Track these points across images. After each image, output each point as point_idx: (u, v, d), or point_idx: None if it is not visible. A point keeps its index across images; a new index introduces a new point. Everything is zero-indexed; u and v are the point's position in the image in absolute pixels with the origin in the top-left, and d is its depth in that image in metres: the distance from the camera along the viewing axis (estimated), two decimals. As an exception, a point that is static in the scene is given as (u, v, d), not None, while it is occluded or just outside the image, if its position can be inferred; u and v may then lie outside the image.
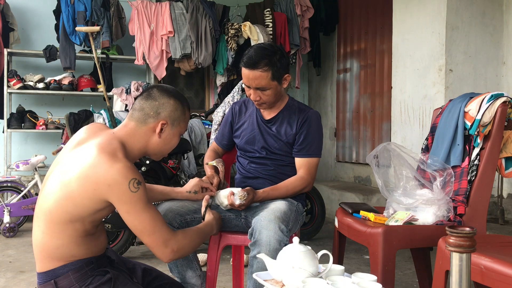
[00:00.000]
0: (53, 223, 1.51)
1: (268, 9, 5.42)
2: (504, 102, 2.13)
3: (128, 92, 4.94)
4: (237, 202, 1.96)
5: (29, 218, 4.41)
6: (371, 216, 2.17)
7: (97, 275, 1.55)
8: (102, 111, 3.93)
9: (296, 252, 1.48)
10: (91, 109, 4.02)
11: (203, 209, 1.90)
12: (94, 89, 5.21)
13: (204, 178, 2.12)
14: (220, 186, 2.12)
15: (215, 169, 2.15)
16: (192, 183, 2.05)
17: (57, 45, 4.93)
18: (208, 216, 1.86)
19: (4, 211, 4.15)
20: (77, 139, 1.60)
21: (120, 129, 1.62)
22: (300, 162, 2.17)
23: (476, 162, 2.15)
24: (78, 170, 1.48)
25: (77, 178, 1.47)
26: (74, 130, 3.69)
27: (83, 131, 1.64)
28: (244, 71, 2.07)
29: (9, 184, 4.34)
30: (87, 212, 1.50)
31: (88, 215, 1.51)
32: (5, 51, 4.83)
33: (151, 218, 1.52)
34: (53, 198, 1.50)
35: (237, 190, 1.99)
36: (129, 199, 1.47)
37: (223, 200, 2.02)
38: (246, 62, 2.05)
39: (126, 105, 4.83)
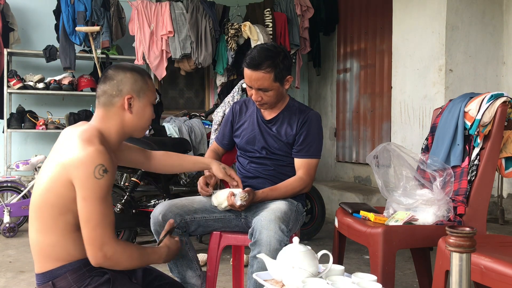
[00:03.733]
0: (44, 219, 1.50)
1: (268, 9, 5.42)
2: (504, 102, 2.13)
3: (128, 92, 4.93)
4: (238, 203, 1.96)
5: (29, 218, 4.40)
6: (371, 216, 2.17)
7: (95, 275, 1.53)
8: (102, 111, 3.92)
9: (296, 252, 1.49)
10: (91, 109, 4.02)
11: (162, 234, 1.78)
12: (94, 89, 5.20)
13: (201, 178, 2.12)
14: (216, 187, 2.13)
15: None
16: (229, 168, 2.08)
17: (57, 45, 4.93)
18: (163, 244, 1.72)
19: (4, 211, 4.14)
20: (65, 136, 1.61)
21: (93, 119, 1.62)
22: (299, 163, 2.17)
23: (476, 162, 2.15)
24: (57, 158, 1.49)
25: (55, 167, 1.48)
26: (74, 130, 3.69)
27: (70, 128, 1.65)
28: (247, 72, 2.06)
29: (9, 184, 4.34)
30: (68, 202, 1.47)
31: (70, 204, 1.48)
32: (5, 51, 4.82)
33: (102, 213, 1.46)
34: (39, 193, 1.51)
35: (237, 191, 1.99)
36: (90, 185, 1.43)
37: (223, 201, 2.02)
38: (249, 63, 2.04)
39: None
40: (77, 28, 4.72)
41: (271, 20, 5.35)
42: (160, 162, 2.01)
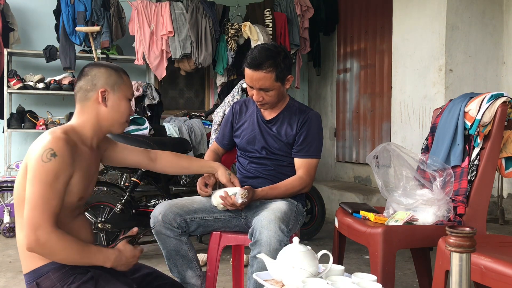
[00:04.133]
0: (23, 216, 1.50)
1: (268, 9, 5.42)
2: (504, 102, 2.13)
3: (128, 92, 4.93)
4: (239, 201, 1.96)
5: (29, 218, 4.40)
6: (371, 216, 2.17)
7: (79, 273, 1.51)
8: (102, 111, 3.92)
9: (296, 252, 1.49)
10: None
11: (120, 236, 1.74)
12: (94, 89, 5.19)
13: (200, 178, 2.12)
14: (215, 188, 2.12)
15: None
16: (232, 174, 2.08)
17: (57, 45, 4.93)
18: (116, 247, 1.61)
19: (4, 211, 4.15)
20: None
21: (72, 117, 1.67)
22: (299, 163, 2.17)
23: (476, 162, 2.15)
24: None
25: (23, 161, 1.52)
26: (74, 130, 3.68)
27: None
28: (248, 72, 2.05)
29: (9, 184, 4.33)
30: None
31: None
32: (5, 51, 4.82)
33: (43, 196, 1.43)
34: (15, 191, 1.54)
35: (237, 190, 1.99)
36: (36, 167, 1.43)
37: (220, 200, 2.01)
38: (250, 63, 2.03)
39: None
40: (77, 28, 4.71)
41: (271, 20, 5.35)
42: (168, 164, 1.99)
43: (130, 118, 1.75)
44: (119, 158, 1.86)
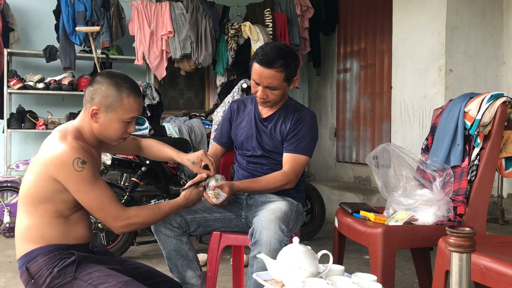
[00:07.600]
0: (26, 206, 1.60)
1: (268, 9, 5.41)
2: (504, 102, 2.13)
3: (128, 92, 4.92)
4: (214, 201, 1.95)
5: (29, 218, 4.39)
6: (371, 216, 2.17)
7: (64, 257, 1.58)
8: (102, 111, 3.92)
9: (296, 252, 1.49)
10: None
11: (189, 183, 1.89)
12: (94, 89, 5.18)
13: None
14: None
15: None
16: (196, 154, 2.03)
17: (57, 45, 4.92)
18: (184, 194, 1.87)
19: (4, 211, 4.15)
20: (51, 134, 1.73)
21: (78, 116, 1.74)
22: (286, 158, 2.13)
23: (476, 162, 2.15)
24: (40, 155, 1.60)
25: (38, 163, 1.59)
26: (74, 130, 3.69)
27: (59, 126, 1.76)
28: (258, 68, 2.04)
29: (9, 184, 4.33)
30: (49, 193, 1.57)
31: (52, 195, 1.58)
32: (5, 51, 4.82)
33: (99, 196, 1.58)
34: (24, 187, 1.62)
35: (212, 182, 1.97)
36: (74, 178, 1.54)
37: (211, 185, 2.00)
38: (262, 60, 2.02)
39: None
40: (77, 28, 4.71)
41: (271, 20, 5.34)
42: (145, 151, 2.10)
43: (130, 134, 1.78)
44: (114, 148, 1.96)
